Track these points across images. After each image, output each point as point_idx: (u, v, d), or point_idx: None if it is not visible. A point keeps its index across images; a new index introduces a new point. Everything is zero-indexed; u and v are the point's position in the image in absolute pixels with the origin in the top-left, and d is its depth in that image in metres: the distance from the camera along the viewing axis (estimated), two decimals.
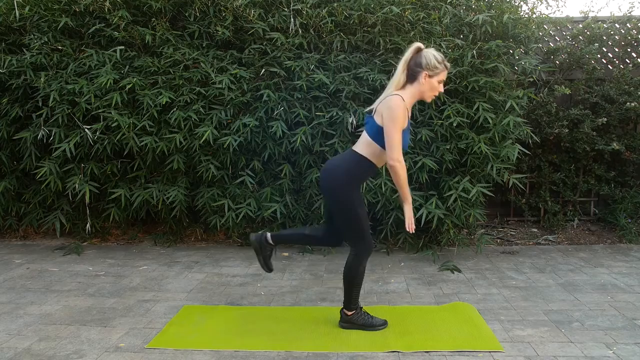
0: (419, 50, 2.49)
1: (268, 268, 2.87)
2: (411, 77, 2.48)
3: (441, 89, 2.51)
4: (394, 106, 2.39)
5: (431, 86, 2.48)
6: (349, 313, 2.71)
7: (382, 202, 3.97)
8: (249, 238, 2.81)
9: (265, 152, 4.12)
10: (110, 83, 3.87)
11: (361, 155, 2.53)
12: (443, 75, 2.48)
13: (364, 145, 2.54)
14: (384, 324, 2.72)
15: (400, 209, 4.04)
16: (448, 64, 2.50)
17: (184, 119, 3.97)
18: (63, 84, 3.97)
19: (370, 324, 2.69)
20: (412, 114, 4.00)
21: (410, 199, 2.52)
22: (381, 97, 2.53)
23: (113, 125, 3.89)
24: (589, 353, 2.43)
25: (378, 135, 2.48)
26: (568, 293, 3.26)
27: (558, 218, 4.93)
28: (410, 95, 2.49)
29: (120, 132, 3.95)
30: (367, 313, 2.73)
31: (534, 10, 4.56)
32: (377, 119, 2.47)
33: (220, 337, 2.63)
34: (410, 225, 2.53)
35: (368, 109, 2.61)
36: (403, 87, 2.50)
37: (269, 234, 2.81)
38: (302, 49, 4.13)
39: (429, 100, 2.54)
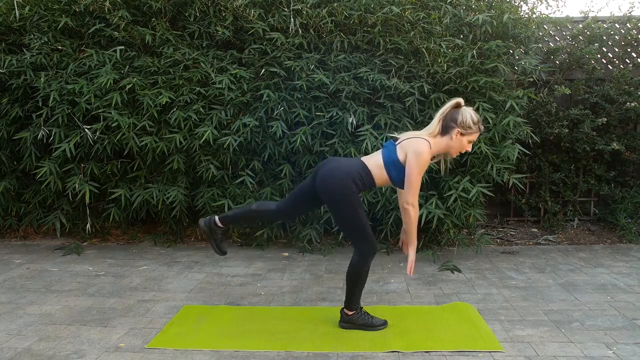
0: (458, 105, 2.51)
1: (221, 251, 2.90)
2: (444, 129, 2.51)
3: (469, 148, 2.54)
4: (423, 151, 2.43)
5: (460, 144, 2.51)
6: (350, 313, 2.71)
7: (382, 202, 3.97)
8: (206, 228, 2.83)
9: (265, 152, 4.12)
10: (110, 83, 3.87)
11: (369, 169, 2.56)
12: (474, 137, 2.51)
13: (374, 165, 2.57)
14: (384, 324, 2.72)
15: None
16: (482, 127, 2.51)
17: (184, 119, 3.97)
18: (63, 84, 3.97)
19: (370, 324, 2.69)
20: (412, 114, 4.00)
21: (416, 242, 2.57)
22: (410, 133, 2.57)
23: (113, 125, 3.89)
24: (589, 353, 2.43)
25: (391, 166, 2.52)
26: (568, 293, 3.26)
27: (558, 218, 4.93)
28: (437, 145, 2.52)
29: (120, 132, 3.95)
30: (367, 313, 2.73)
31: (534, 10, 4.56)
32: (400, 152, 2.50)
33: (220, 337, 2.63)
34: (410, 268, 2.57)
35: (393, 135, 2.65)
36: (435, 135, 2.53)
37: (216, 217, 2.84)
38: (302, 49, 4.13)
39: (454, 156, 2.57)
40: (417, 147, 2.44)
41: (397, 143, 2.55)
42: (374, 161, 2.57)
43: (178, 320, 2.84)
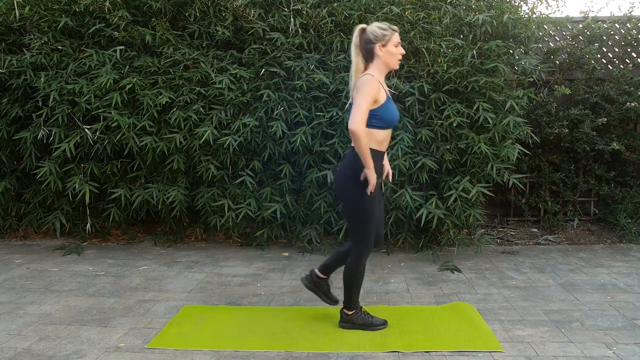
0: (363, 30, 2.57)
1: (332, 300, 2.86)
2: (368, 55, 2.56)
3: (401, 50, 2.55)
4: (364, 82, 2.45)
5: (390, 53, 2.53)
6: (349, 313, 2.71)
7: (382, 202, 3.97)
8: (310, 284, 2.83)
9: (265, 152, 4.12)
10: (110, 83, 3.87)
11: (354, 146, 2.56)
12: (396, 38, 2.53)
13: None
14: (383, 323, 2.72)
15: (400, 208, 4.04)
16: (395, 27, 2.54)
17: (184, 119, 3.97)
18: (63, 84, 3.97)
19: (370, 324, 2.70)
20: (412, 114, 4.00)
21: (372, 164, 2.46)
22: (350, 89, 2.60)
23: (113, 125, 3.89)
24: (589, 353, 2.43)
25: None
26: (568, 293, 3.26)
27: (558, 218, 4.93)
28: (377, 70, 2.55)
29: (120, 132, 3.95)
30: (367, 313, 2.73)
31: (534, 10, 4.56)
32: (354, 101, 2.50)
33: (220, 337, 2.63)
34: (373, 183, 2.47)
35: (347, 106, 2.65)
36: (366, 68, 2.57)
37: (316, 270, 2.81)
38: (302, 49, 4.13)
39: (396, 66, 2.58)
40: (360, 82, 2.47)
41: (349, 104, 2.58)
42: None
43: (178, 320, 2.84)
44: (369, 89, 2.43)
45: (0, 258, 4.09)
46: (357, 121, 2.39)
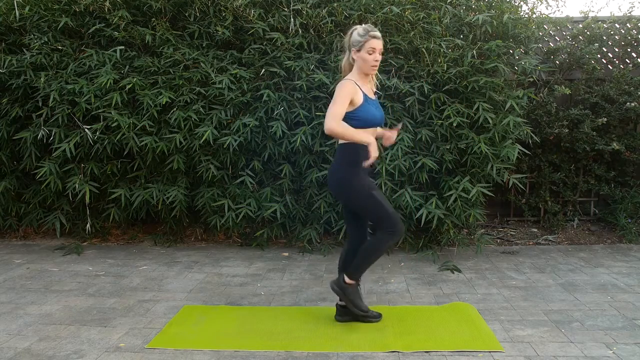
0: (352, 32, 2.59)
1: (361, 310, 2.78)
2: (351, 59, 2.61)
3: (376, 57, 2.53)
4: (339, 86, 2.51)
5: (362, 59, 2.54)
6: (348, 281, 2.68)
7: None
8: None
9: (265, 152, 4.12)
10: (110, 83, 3.87)
11: (342, 143, 2.60)
12: (370, 44, 2.51)
13: None
14: (370, 313, 2.72)
15: (400, 208, 4.04)
16: (375, 33, 2.51)
17: (184, 119, 3.96)
18: (63, 84, 3.97)
19: (357, 306, 2.68)
20: (412, 114, 4.01)
21: (366, 139, 2.48)
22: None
23: (113, 125, 3.89)
24: (589, 353, 2.43)
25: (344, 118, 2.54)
26: (568, 293, 3.26)
27: (558, 218, 4.93)
28: (355, 75, 2.59)
29: (120, 132, 3.95)
30: (359, 293, 2.72)
31: (534, 10, 4.56)
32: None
33: (220, 337, 2.63)
34: (374, 154, 2.49)
35: None
36: (349, 70, 2.63)
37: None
38: (302, 49, 4.13)
39: (370, 72, 2.58)
40: (337, 86, 2.51)
41: None
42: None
43: (178, 320, 2.84)
44: (341, 93, 2.47)
45: (0, 258, 4.10)
46: (328, 124, 2.45)
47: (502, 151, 3.83)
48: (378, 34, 2.53)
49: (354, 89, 2.50)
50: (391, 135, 2.76)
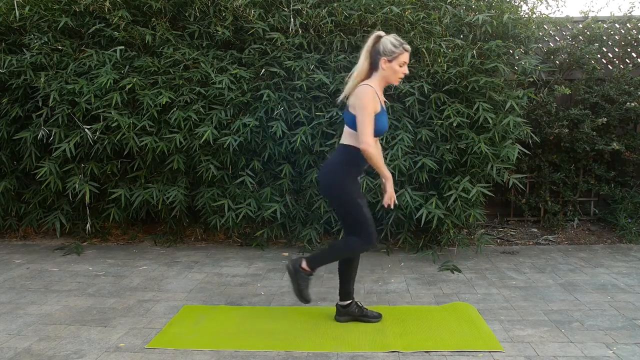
0: (378, 38, 2.58)
1: (374, 317, 2.82)
2: (374, 64, 2.59)
3: (405, 71, 2.58)
4: (362, 95, 2.50)
5: (393, 70, 2.56)
6: (304, 266, 2.68)
7: (382, 202, 3.97)
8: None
9: (265, 152, 4.12)
10: (110, 83, 3.87)
11: (346, 145, 2.61)
12: (403, 58, 2.55)
13: (346, 135, 2.63)
14: (305, 300, 2.70)
15: (400, 208, 4.05)
16: (407, 46, 2.56)
17: (184, 119, 3.96)
18: (63, 84, 3.97)
19: (302, 293, 2.68)
20: (412, 114, 4.00)
21: (389, 175, 2.60)
22: (347, 88, 2.64)
23: (113, 125, 3.89)
24: (589, 353, 2.43)
25: (351, 123, 2.57)
26: (568, 293, 3.26)
27: (558, 218, 4.93)
28: (376, 82, 2.59)
29: (120, 132, 3.95)
30: (308, 282, 2.70)
31: (534, 10, 4.56)
32: (352, 110, 2.57)
33: (220, 337, 2.63)
34: (388, 200, 2.60)
35: (338, 101, 2.73)
36: (369, 75, 2.61)
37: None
38: (302, 49, 4.13)
39: (395, 83, 2.62)
40: (357, 94, 2.52)
41: (347, 108, 2.62)
42: (345, 133, 2.64)
43: (178, 320, 2.84)
44: (368, 104, 2.48)
45: (0, 258, 4.10)
46: (366, 140, 2.47)
47: (502, 151, 3.83)
48: (409, 47, 2.58)
49: (375, 98, 2.52)
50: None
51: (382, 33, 2.59)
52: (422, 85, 3.90)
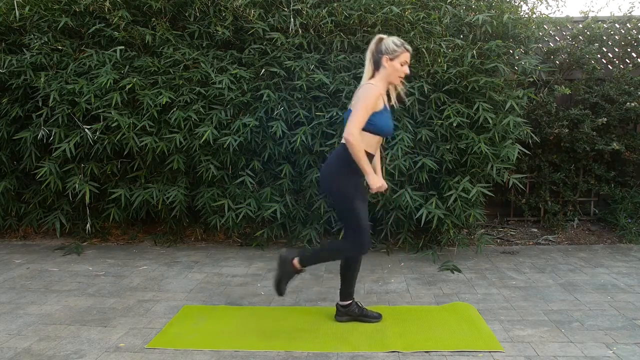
0: (380, 40, 2.64)
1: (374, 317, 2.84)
2: (376, 64, 2.63)
3: (406, 70, 2.62)
4: (365, 91, 2.55)
5: (394, 68, 2.59)
6: (297, 265, 2.70)
7: (382, 202, 3.97)
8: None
9: (265, 152, 4.12)
10: (110, 83, 3.87)
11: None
12: (404, 57, 2.59)
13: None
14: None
15: (400, 208, 4.05)
16: (408, 47, 2.61)
17: (184, 119, 3.96)
18: (63, 84, 3.97)
19: (279, 286, 2.71)
20: (412, 114, 4.00)
21: (370, 170, 2.52)
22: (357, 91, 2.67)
23: (113, 125, 3.89)
24: (589, 353, 2.43)
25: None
26: (568, 293, 3.26)
27: (558, 218, 4.93)
28: (380, 81, 2.62)
29: (120, 132, 3.95)
30: (289, 279, 2.73)
31: (534, 10, 4.56)
32: (352, 107, 2.59)
33: (220, 337, 2.63)
34: (374, 187, 2.51)
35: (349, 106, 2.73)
36: (373, 76, 2.64)
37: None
38: (302, 49, 4.13)
39: (397, 82, 2.64)
40: (362, 89, 2.56)
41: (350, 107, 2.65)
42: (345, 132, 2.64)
43: (178, 320, 2.84)
44: (368, 98, 2.51)
45: (0, 258, 4.10)
46: (351, 131, 2.48)
47: (502, 151, 3.83)
48: (410, 48, 2.63)
49: (378, 95, 2.53)
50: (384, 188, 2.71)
51: (383, 35, 2.64)
52: (422, 85, 3.90)
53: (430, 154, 3.97)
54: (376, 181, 2.51)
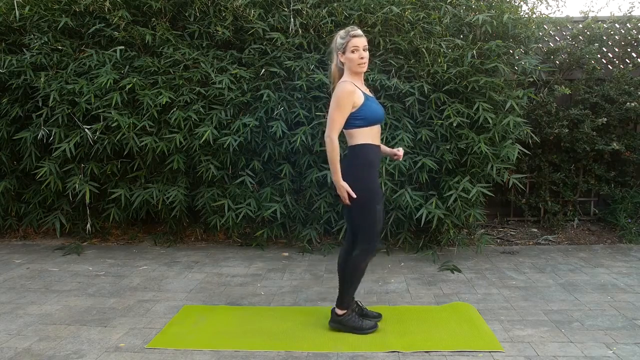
0: (335, 39, 2.64)
1: (370, 316, 2.81)
2: (339, 63, 2.63)
3: (361, 54, 2.55)
4: (337, 91, 2.54)
5: (349, 59, 2.57)
6: (340, 313, 2.67)
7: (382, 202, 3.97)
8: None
9: (265, 152, 4.12)
10: (110, 83, 3.87)
11: (352, 145, 2.61)
12: (352, 44, 2.54)
13: (346, 137, 2.64)
14: (373, 327, 2.68)
15: (400, 208, 4.05)
16: (355, 32, 2.55)
17: (184, 119, 3.96)
18: (63, 84, 3.97)
19: (359, 327, 2.65)
20: (412, 114, 4.01)
21: (339, 174, 2.53)
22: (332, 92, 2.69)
23: (113, 125, 3.89)
24: (589, 353, 2.43)
25: (347, 122, 2.56)
26: (568, 293, 3.26)
27: (558, 218, 4.92)
28: (348, 76, 2.61)
29: (120, 132, 3.95)
30: (356, 316, 2.70)
31: (534, 10, 4.56)
32: (329, 112, 2.59)
33: (220, 337, 2.63)
34: (344, 197, 2.54)
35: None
36: (342, 74, 2.65)
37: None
38: (302, 49, 4.13)
39: (360, 70, 2.59)
40: (336, 90, 2.56)
41: None
42: (345, 135, 2.65)
43: (178, 320, 2.84)
44: (340, 99, 2.51)
45: (0, 258, 4.10)
46: (329, 133, 2.52)
47: (502, 151, 3.83)
48: (359, 31, 2.56)
49: (353, 89, 2.52)
50: (399, 155, 2.79)
51: (339, 32, 2.62)
52: (422, 85, 3.90)
53: (430, 154, 3.97)
54: (342, 185, 2.51)
